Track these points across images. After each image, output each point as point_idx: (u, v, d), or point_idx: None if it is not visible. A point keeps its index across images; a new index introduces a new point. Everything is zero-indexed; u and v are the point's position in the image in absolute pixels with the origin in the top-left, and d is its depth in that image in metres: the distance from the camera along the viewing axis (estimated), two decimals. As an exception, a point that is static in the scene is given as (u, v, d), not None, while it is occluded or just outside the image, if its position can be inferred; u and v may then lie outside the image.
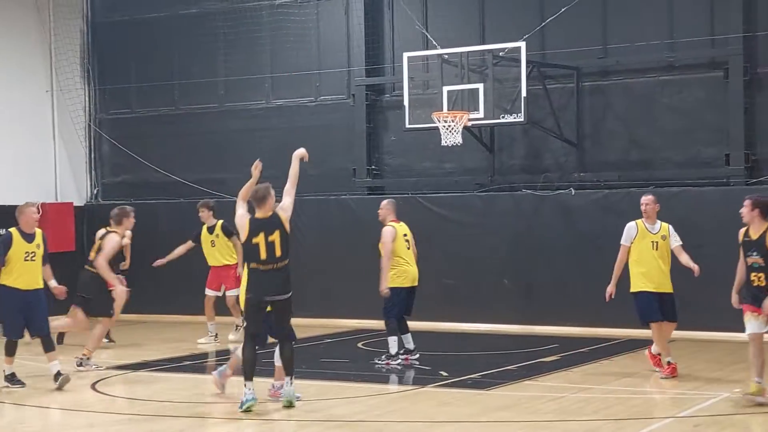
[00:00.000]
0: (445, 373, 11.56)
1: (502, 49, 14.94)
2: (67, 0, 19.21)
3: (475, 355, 13.14)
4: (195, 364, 12.92)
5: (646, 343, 13.88)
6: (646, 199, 11.77)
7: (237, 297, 12.85)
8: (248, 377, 9.51)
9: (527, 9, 16.07)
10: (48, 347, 10.99)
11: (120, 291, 12.28)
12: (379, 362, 12.36)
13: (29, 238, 11.18)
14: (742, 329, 14.03)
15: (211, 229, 14.98)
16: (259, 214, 9.86)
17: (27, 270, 10.98)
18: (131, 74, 19.36)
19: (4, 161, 18.21)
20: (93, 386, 11.08)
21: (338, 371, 12.30)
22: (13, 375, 11.06)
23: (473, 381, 11.27)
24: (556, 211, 15.40)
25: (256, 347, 9.66)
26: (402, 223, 12.64)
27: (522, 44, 14.72)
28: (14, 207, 17.76)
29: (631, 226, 11.73)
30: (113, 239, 12.16)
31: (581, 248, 15.18)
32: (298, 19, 17.78)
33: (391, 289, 12.20)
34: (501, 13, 16.34)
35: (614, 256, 14.98)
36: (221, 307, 15.25)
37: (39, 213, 18.12)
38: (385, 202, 12.84)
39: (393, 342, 12.38)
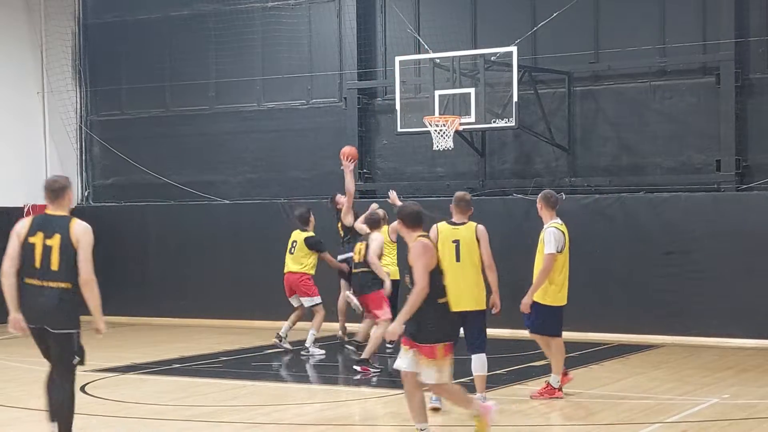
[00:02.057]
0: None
1: (494, 54, 14.95)
2: (59, 2, 19.18)
3: (465, 359, 13.11)
4: (184, 367, 12.88)
5: (635, 348, 13.94)
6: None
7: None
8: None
9: (519, 14, 16.09)
10: None
11: None
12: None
13: None
14: (731, 335, 14.18)
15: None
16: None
17: None
18: (122, 76, 19.34)
19: (-5, 162, 18.19)
20: (82, 389, 11.04)
21: (327, 375, 12.29)
22: None
23: (463, 385, 11.22)
24: (547, 215, 15.39)
25: None
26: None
27: (513, 49, 14.73)
28: (5, 208, 17.93)
29: (560, 232, 10.20)
30: None
31: (571, 253, 15.13)
32: (290, 21, 17.79)
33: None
34: (493, 17, 16.37)
35: (604, 260, 15.14)
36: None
37: (30, 215, 18.21)
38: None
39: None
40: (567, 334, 14.18)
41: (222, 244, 17.77)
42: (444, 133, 14.82)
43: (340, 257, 14.08)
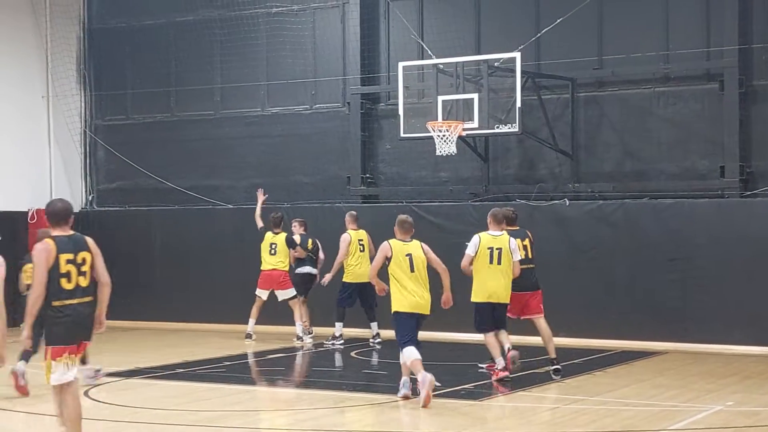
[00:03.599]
0: (437, 384, 11.53)
1: (498, 60, 14.96)
2: (64, 6, 19.22)
3: (469, 365, 13.12)
4: (188, 371, 12.88)
5: (639, 354, 13.94)
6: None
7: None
8: None
9: (523, 20, 16.10)
10: None
11: None
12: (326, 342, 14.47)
13: None
14: (735, 341, 14.16)
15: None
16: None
17: None
18: (127, 81, 19.38)
19: (0, 166, 18.19)
20: (86, 393, 11.05)
21: (330, 380, 12.30)
22: None
23: (466, 391, 11.25)
24: (550, 221, 15.42)
25: None
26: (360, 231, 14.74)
27: (517, 55, 14.74)
28: (9, 213, 17.96)
29: (477, 237, 11.83)
30: None
31: (575, 259, 15.21)
32: (295, 27, 17.81)
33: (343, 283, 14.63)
34: (496, 23, 16.38)
35: (608, 266, 15.13)
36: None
37: (34, 219, 18.32)
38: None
39: (338, 326, 14.79)
40: (571, 341, 14.29)
41: (226, 249, 17.78)
42: (447, 138, 14.83)
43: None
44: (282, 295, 15.66)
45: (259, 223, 16.00)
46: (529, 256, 12.18)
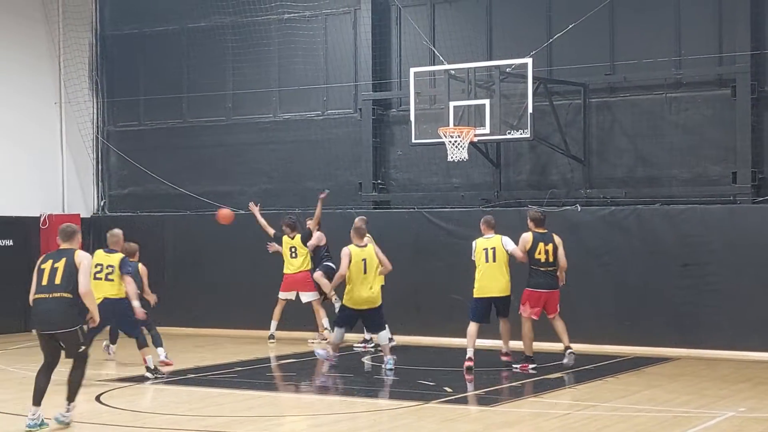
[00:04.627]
0: (449, 389, 11.54)
1: (509, 65, 14.96)
2: (77, 13, 19.30)
3: (480, 371, 13.10)
4: (199, 377, 12.90)
5: (651, 360, 13.90)
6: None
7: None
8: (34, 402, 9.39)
9: (534, 25, 16.10)
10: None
11: None
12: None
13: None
14: (748, 347, 14.11)
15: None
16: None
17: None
18: (139, 87, 19.44)
19: (12, 172, 18.28)
20: (98, 398, 11.08)
21: (342, 386, 12.30)
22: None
23: (477, 397, 11.24)
24: (562, 227, 15.32)
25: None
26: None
27: (529, 60, 14.73)
28: (22, 218, 18.03)
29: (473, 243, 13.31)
30: None
31: (587, 264, 15.16)
32: (306, 33, 17.85)
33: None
34: (508, 29, 16.39)
35: (620, 272, 15.09)
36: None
37: (46, 225, 18.40)
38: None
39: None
40: (583, 347, 14.26)
41: (238, 254, 17.80)
42: (459, 144, 14.83)
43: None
44: (305, 297, 15.81)
45: (270, 231, 16.04)
46: (550, 260, 13.03)
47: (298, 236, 15.81)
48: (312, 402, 11.57)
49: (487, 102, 14.89)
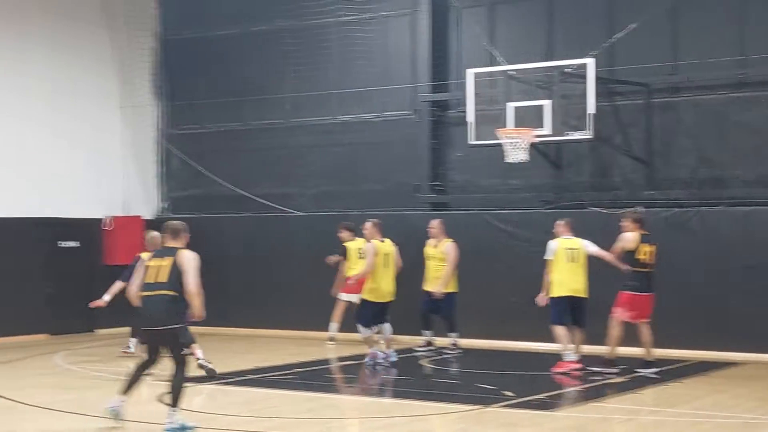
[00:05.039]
0: (509, 393, 11.44)
1: (569, 66, 14.82)
2: (139, 18, 19.55)
3: (541, 374, 13.00)
4: (259, 378, 12.96)
5: (717, 365, 13.66)
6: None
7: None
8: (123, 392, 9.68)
9: (595, 25, 15.93)
10: None
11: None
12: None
13: None
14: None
15: None
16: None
17: None
18: (201, 90, 19.62)
19: (77, 175, 18.57)
20: (159, 399, 11.17)
21: (401, 389, 12.26)
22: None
23: (539, 402, 11.13)
24: (625, 229, 15.18)
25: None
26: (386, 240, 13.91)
27: (590, 61, 14.58)
28: (87, 220, 18.30)
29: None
30: None
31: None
32: (365, 35, 17.87)
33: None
34: (568, 29, 16.23)
35: (684, 274, 14.86)
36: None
37: (111, 227, 18.67)
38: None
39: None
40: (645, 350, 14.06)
41: (297, 256, 17.87)
42: (518, 145, 14.74)
43: None
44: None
45: (334, 259, 16.08)
46: (651, 261, 12.98)
47: (360, 239, 15.73)
48: (371, 405, 11.56)
49: (546, 103, 14.77)
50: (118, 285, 13.99)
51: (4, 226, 17.24)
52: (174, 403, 9.41)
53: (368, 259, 13.41)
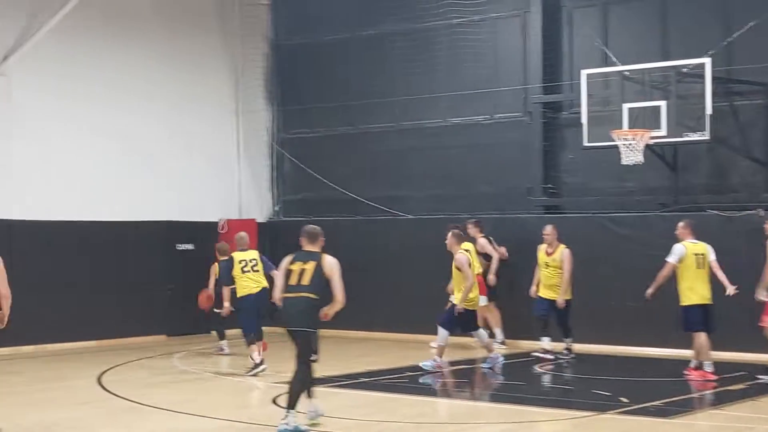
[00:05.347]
0: (625, 400, 11.25)
1: (686, 66, 14.49)
2: (253, 24, 19.90)
3: (658, 381, 12.74)
4: (371, 381, 13.02)
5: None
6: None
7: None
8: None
9: (712, 23, 15.53)
10: None
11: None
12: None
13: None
14: None
15: None
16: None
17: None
18: (312, 95, 19.85)
19: (193, 179, 19.00)
20: (274, 401, 11.33)
21: (514, 394, 12.17)
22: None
23: (656, 408, 10.90)
24: (744, 232, 14.74)
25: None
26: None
27: (707, 60, 14.23)
28: (202, 223, 18.70)
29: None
30: None
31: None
32: (475, 37, 17.81)
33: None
34: (684, 28, 15.87)
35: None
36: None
37: (226, 229, 19.07)
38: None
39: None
40: (761, 357, 13.68)
41: (408, 259, 17.91)
42: (633, 147, 14.49)
43: None
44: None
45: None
46: None
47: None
48: (483, 409, 11.51)
49: (662, 103, 14.49)
50: (226, 290, 14.36)
51: (124, 229, 17.75)
52: (290, 405, 9.52)
53: (469, 271, 13.45)
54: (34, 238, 16.58)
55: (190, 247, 18.66)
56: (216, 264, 15.56)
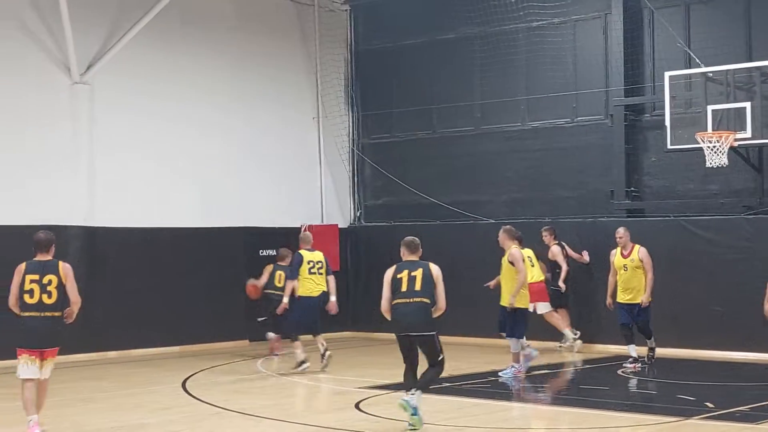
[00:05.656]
0: (711, 405, 11.09)
1: (772, 66, 14.23)
2: (332, 30, 20.09)
3: (744, 386, 12.52)
4: (454, 386, 13.03)
5: None
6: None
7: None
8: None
9: (798, 22, 15.23)
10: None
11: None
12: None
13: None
14: None
15: None
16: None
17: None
18: (391, 100, 19.96)
19: (276, 185, 19.26)
20: (357, 405, 11.43)
21: (597, 399, 12.07)
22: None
23: (742, 414, 10.73)
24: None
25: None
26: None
27: (793, 60, 13.95)
28: (285, 229, 18.91)
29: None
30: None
31: None
32: (555, 40, 17.72)
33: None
34: (768, 28, 15.59)
35: None
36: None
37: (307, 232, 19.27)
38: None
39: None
40: None
41: (487, 263, 17.81)
42: (718, 149, 14.27)
43: None
44: (541, 308, 15.82)
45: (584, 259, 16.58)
46: None
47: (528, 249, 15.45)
48: (566, 415, 11.44)
49: (747, 105, 14.26)
50: (290, 285, 14.48)
51: (208, 235, 18.03)
52: (422, 387, 10.01)
53: (523, 269, 13.50)
54: (117, 245, 16.85)
55: (273, 252, 18.88)
56: (271, 265, 16.33)
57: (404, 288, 9.94)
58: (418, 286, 9.93)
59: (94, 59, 16.90)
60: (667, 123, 15.07)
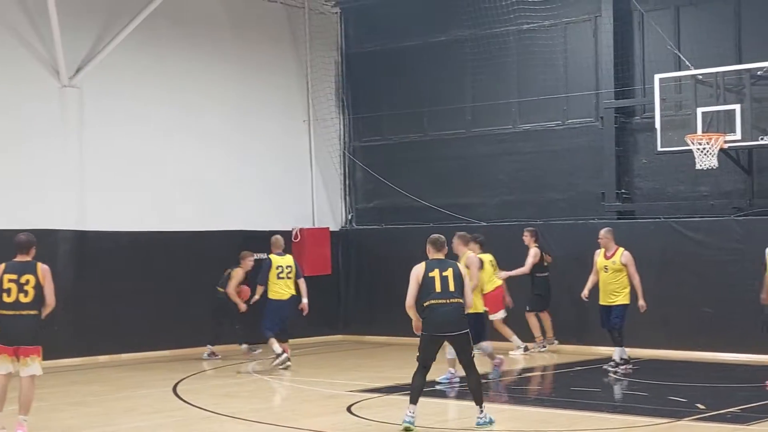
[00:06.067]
0: (702, 406, 11.12)
1: (761, 68, 14.28)
2: (323, 34, 20.08)
3: (735, 387, 12.55)
4: (445, 388, 13.03)
5: None
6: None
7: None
8: (412, 401, 10.00)
9: (788, 24, 15.29)
10: None
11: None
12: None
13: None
14: None
15: None
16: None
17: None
18: (382, 103, 19.96)
19: (267, 188, 19.22)
20: (348, 409, 11.42)
21: (589, 401, 12.09)
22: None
23: (733, 415, 10.76)
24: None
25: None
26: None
27: (783, 62, 14.00)
28: (275, 232, 18.83)
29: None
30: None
31: None
32: (545, 42, 17.76)
33: None
34: (759, 30, 15.64)
35: None
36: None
37: (299, 238, 19.28)
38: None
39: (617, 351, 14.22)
40: None
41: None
42: (708, 151, 14.31)
43: None
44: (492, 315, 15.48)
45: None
46: None
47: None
48: (558, 417, 11.45)
49: (737, 107, 14.31)
50: (260, 289, 15.00)
51: (198, 238, 17.96)
52: (479, 402, 10.06)
53: (476, 270, 13.40)
54: (108, 249, 16.81)
55: (264, 256, 18.84)
56: (238, 269, 16.96)
57: (438, 288, 10.04)
58: (452, 287, 10.03)
59: (83, 62, 16.87)
60: (658, 125, 15.11)
